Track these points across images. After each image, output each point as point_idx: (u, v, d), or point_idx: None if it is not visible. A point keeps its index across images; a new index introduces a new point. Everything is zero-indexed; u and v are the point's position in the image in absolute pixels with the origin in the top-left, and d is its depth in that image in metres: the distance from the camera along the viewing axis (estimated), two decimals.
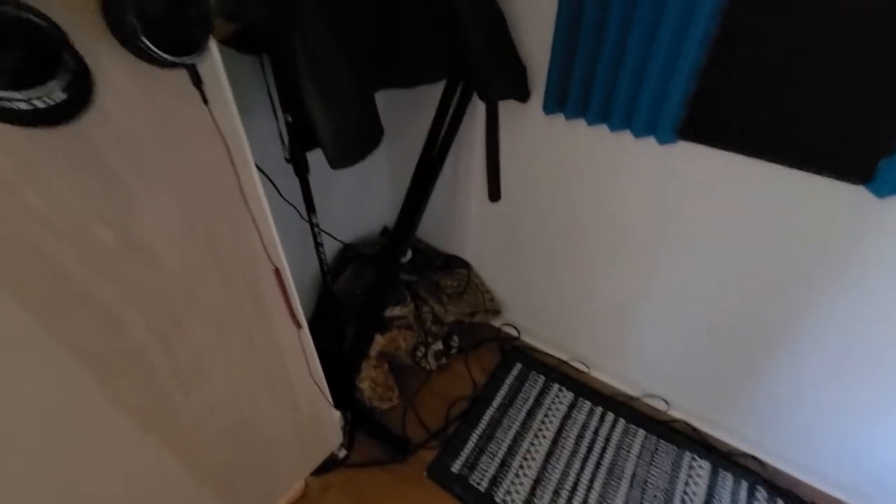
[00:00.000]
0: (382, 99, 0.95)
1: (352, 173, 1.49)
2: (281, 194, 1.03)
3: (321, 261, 1.12)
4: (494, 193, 1.39)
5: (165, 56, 0.45)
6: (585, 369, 1.67)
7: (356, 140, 0.86)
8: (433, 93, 1.24)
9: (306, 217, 1.06)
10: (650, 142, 1.06)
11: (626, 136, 1.08)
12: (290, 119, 0.88)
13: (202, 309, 0.69)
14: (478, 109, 1.26)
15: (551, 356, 1.72)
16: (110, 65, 0.46)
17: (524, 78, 1.10)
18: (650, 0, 0.88)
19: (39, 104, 0.40)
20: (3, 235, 0.46)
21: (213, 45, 0.51)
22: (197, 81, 0.50)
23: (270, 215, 0.71)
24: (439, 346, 1.56)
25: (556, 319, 1.64)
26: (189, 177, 0.57)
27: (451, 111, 1.21)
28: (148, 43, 0.44)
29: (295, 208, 1.09)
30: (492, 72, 1.01)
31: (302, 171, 0.95)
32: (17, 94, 0.37)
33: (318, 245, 1.10)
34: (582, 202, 1.28)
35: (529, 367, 1.66)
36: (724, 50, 0.90)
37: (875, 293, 0.98)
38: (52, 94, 0.40)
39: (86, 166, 0.49)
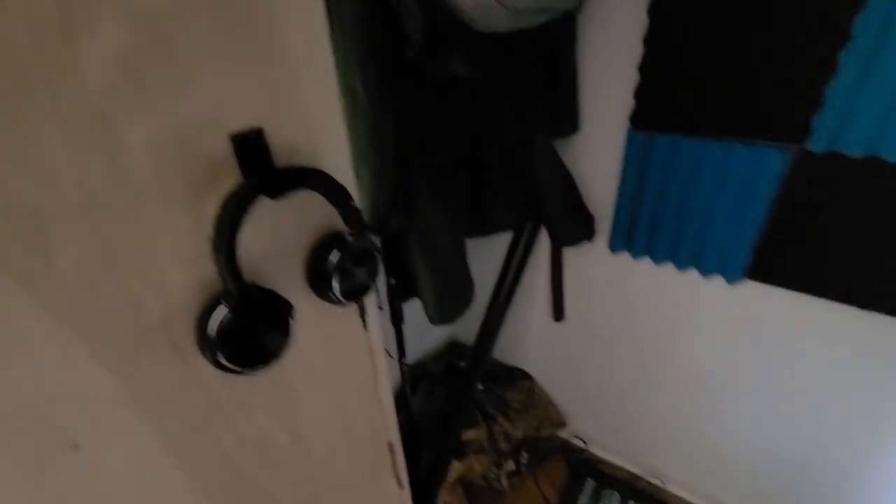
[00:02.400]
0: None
1: None
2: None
3: (408, 403, 1.19)
4: (558, 314, 1.45)
5: (347, 301, 0.56)
6: (661, 484, 1.61)
7: (456, 301, 0.96)
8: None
9: (396, 358, 1.14)
10: (717, 280, 1.12)
11: (693, 274, 1.15)
12: (392, 282, 1.00)
13: (335, 483, 0.76)
14: (544, 236, 1.37)
15: (623, 469, 1.67)
16: (300, 303, 0.57)
17: (592, 225, 1.21)
18: (716, 155, 0.98)
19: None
20: (211, 462, 0.55)
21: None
22: (362, 313, 0.61)
23: (392, 396, 0.79)
24: (511, 465, 1.56)
25: (624, 431, 1.61)
26: (342, 379, 0.67)
27: (521, 245, 1.32)
28: (339, 295, 0.55)
29: (388, 353, 1.18)
30: (563, 223, 1.13)
31: (398, 321, 1.05)
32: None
33: (404, 383, 1.17)
34: (647, 331, 1.33)
35: (602, 483, 1.61)
36: (794, 196, 0.97)
37: None
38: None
39: (276, 386, 0.58)
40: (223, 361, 0.44)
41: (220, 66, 0.41)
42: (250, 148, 0.45)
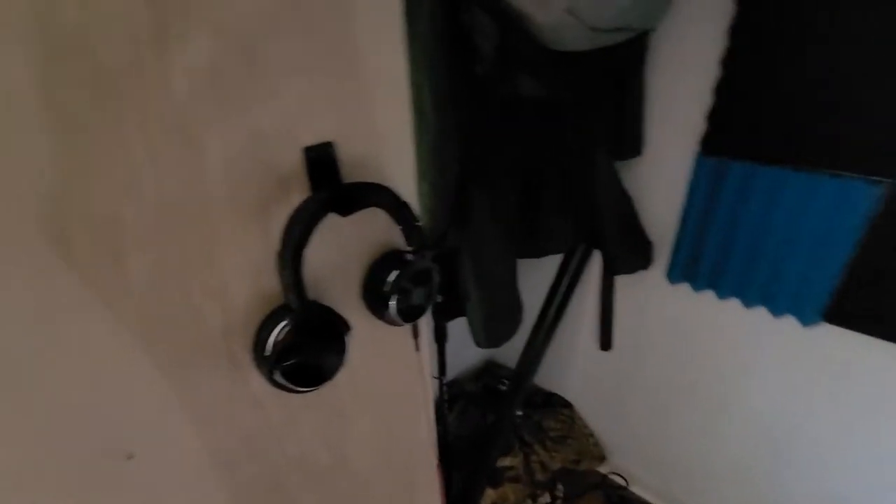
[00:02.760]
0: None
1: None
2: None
3: (444, 423, 1.16)
4: (606, 343, 1.39)
5: (403, 322, 0.54)
6: None
7: (504, 324, 0.92)
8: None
9: (436, 376, 1.12)
10: (790, 321, 1.03)
11: (762, 313, 1.06)
12: (440, 299, 0.98)
13: (374, 499, 0.73)
14: (596, 259, 1.32)
15: None
16: (354, 321, 0.55)
17: (649, 253, 1.14)
18: (798, 186, 0.90)
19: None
20: (255, 478, 0.53)
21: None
22: (416, 334, 0.59)
23: (434, 418, 0.76)
24: (547, 498, 1.48)
25: (670, 473, 1.51)
26: (390, 401, 0.65)
27: (571, 269, 1.27)
28: (395, 315, 0.53)
29: None
30: (620, 249, 1.08)
31: (442, 340, 1.03)
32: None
33: (443, 403, 1.14)
34: (705, 370, 1.24)
35: None
36: (885, 235, 0.88)
37: None
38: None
39: (324, 404, 0.57)
40: (278, 378, 0.42)
41: (297, 78, 0.40)
42: (321, 162, 0.44)
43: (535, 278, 1.46)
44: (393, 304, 0.51)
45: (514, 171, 0.83)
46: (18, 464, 0.37)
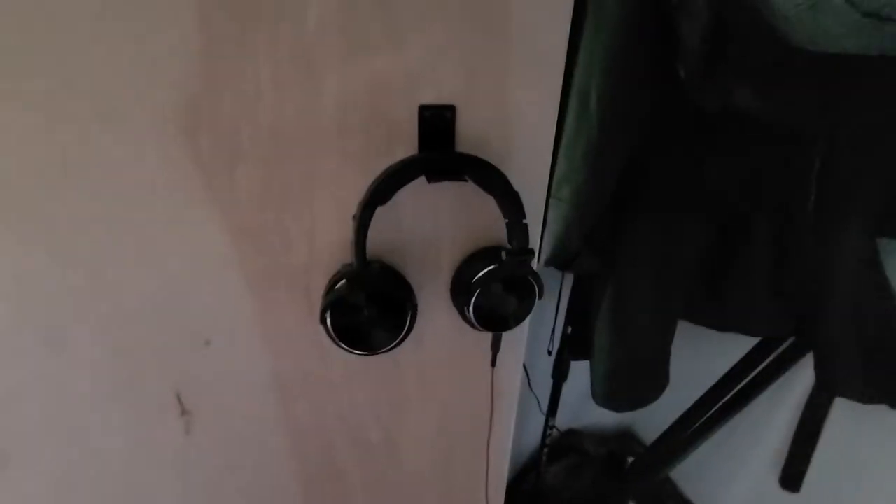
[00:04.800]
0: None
1: None
2: (531, 387, 1.00)
3: (539, 470, 1.03)
4: (791, 482, 1.01)
5: (479, 326, 0.47)
6: None
7: (635, 388, 0.75)
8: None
9: (544, 412, 1.00)
10: None
11: None
12: (569, 331, 0.86)
13: (413, 493, 0.70)
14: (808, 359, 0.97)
15: None
16: (436, 308, 0.51)
17: None
18: None
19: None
20: (306, 414, 0.55)
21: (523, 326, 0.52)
22: (495, 345, 0.51)
23: (508, 448, 0.67)
24: None
25: None
26: (455, 406, 0.59)
27: (765, 362, 0.96)
28: (472, 316, 0.46)
29: (538, 401, 1.04)
30: (852, 369, 0.75)
31: (560, 377, 0.91)
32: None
33: (542, 445, 1.01)
34: None
35: None
36: None
37: None
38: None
39: (387, 379, 0.55)
40: (327, 328, 0.42)
41: (429, 31, 0.38)
42: (436, 124, 0.41)
43: (711, 349, 1.16)
44: (473, 302, 0.45)
45: (706, 208, 0.65)
46: (126, 335, 0.45)
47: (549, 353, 0.95)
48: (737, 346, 1.01)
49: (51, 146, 0.36)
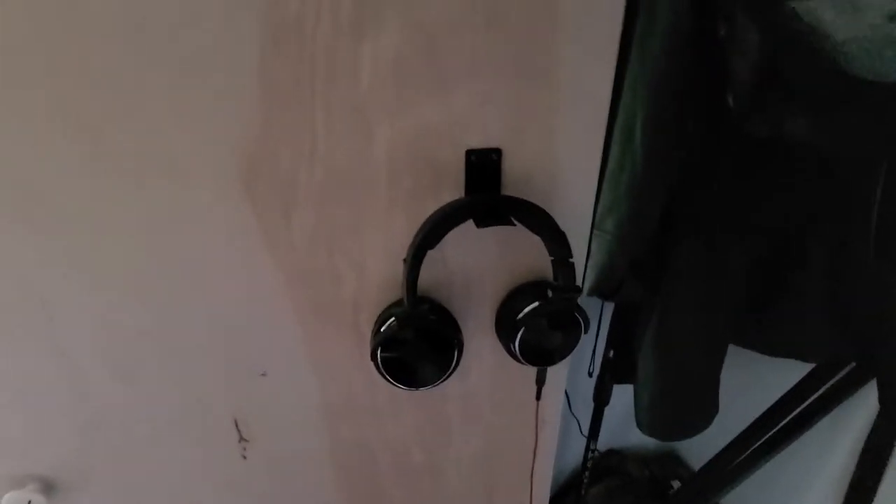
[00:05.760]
0: None
1: None
2: (571, 409, 0.99)
3: (579, 491, 1.01)
4: None
5: (523, 360, 0.48)
6: None
7: (682, 417, 0.73)
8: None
9: (585, 436, 0.98)
10: None
11: None
12: (611, 354, 0.84)
13: None
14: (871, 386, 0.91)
15: None
16: (481, 341, 0.52)
17: None
18: None
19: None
20: (352, 442, 0.57)
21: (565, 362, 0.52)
22: (540, 379, 0.51)
23: (549, 474, 0.67)
24: None
25: None
26: (499, 436, 0.59)
27: (820, 388, 0.91)
28: (518, 352, 0.47)
29: (578, 424, 1.03)
30: None
31: (602, 401, 0.89)
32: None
33: (585, 469, 0.99)
34: None
35: None
36: None
37: None
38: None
39: (429, 407, 0.56)
40: (378, 364, 0.43)
41: (478, 81, 0.39)
42: (482, 167, 0.42)
43: (762, 372, 1.10)
44: (518, 338, 0.45)
45: (753, 234, 0.62)
46: (191, 367, 0.48)
47: (590, 374, 0.94)
48: (792, 370, 0.96)
49: (134, 200, 0.39)
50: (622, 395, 1.43)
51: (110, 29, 0.33)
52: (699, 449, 1.21)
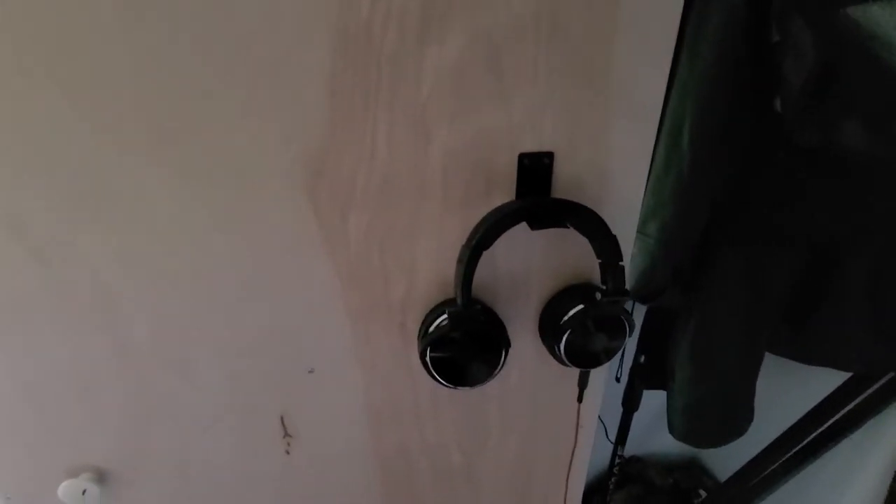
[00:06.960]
0: None
1: None
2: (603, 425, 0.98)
3: (604, 495, 1.00)
4: None
5: (568, 363, 0.48)
6: None
7: (718, 425, 0.73)
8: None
9: (612, 441, 0.97)
10: None
11: None
12: (642, 360, 0.84)
13: None
14: None
15: None
16: (524, 342, 0.52)
17: None
18: None
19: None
20: (393, 445, 0.58)
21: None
22: (583, 382, 0.52)
23: (583, 479, 0.67)
24: None
25: None
26: (537, 437, 0.60)
27: (859, 398, 0.89)
28: (563, 354, 0.47)
29: (605, 429, 1.02)
30: None
31: (631, 407, 0.89)
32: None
33: (612, 475, 0.99)
34: None
35: None
36: None
37: None
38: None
39: (469, 408, 0.57)
40: (427, 363, 0.44)
41: (534, 89, 0.40)
42: (534, 171, 0.43)
43: (793, 382, 1.08)
44: (564, 340, 0.46)
45: (796, 244, 0.62)
46: (241, 362, 0.49)
47: (618, 379, 0.94)
48: (823, 381, 0.95)
49: (202, 203, 0.41)
50: (645, 403, 1.42)
51: (187, 36, 0.35)
52: (723, 458, 1.19)
